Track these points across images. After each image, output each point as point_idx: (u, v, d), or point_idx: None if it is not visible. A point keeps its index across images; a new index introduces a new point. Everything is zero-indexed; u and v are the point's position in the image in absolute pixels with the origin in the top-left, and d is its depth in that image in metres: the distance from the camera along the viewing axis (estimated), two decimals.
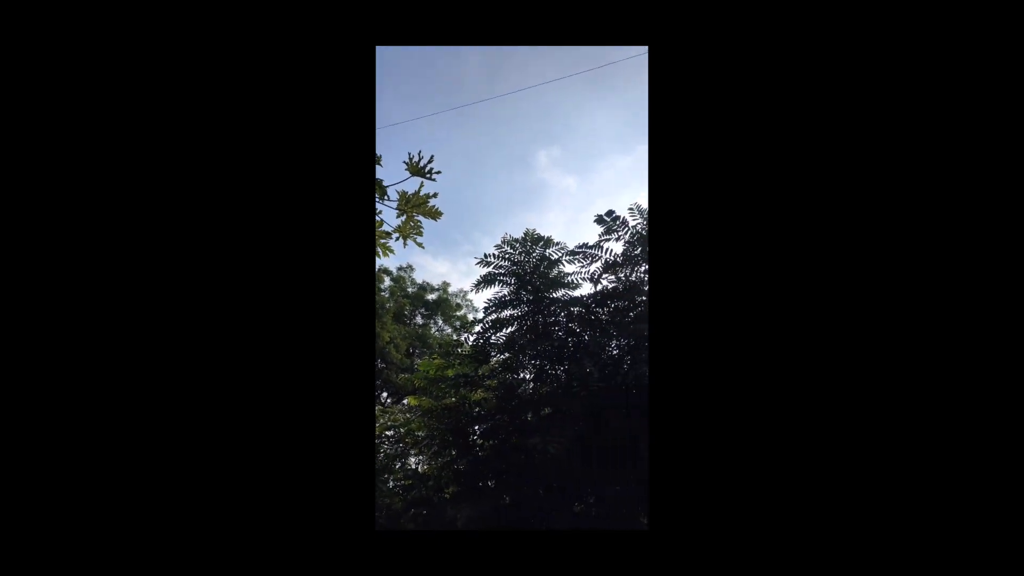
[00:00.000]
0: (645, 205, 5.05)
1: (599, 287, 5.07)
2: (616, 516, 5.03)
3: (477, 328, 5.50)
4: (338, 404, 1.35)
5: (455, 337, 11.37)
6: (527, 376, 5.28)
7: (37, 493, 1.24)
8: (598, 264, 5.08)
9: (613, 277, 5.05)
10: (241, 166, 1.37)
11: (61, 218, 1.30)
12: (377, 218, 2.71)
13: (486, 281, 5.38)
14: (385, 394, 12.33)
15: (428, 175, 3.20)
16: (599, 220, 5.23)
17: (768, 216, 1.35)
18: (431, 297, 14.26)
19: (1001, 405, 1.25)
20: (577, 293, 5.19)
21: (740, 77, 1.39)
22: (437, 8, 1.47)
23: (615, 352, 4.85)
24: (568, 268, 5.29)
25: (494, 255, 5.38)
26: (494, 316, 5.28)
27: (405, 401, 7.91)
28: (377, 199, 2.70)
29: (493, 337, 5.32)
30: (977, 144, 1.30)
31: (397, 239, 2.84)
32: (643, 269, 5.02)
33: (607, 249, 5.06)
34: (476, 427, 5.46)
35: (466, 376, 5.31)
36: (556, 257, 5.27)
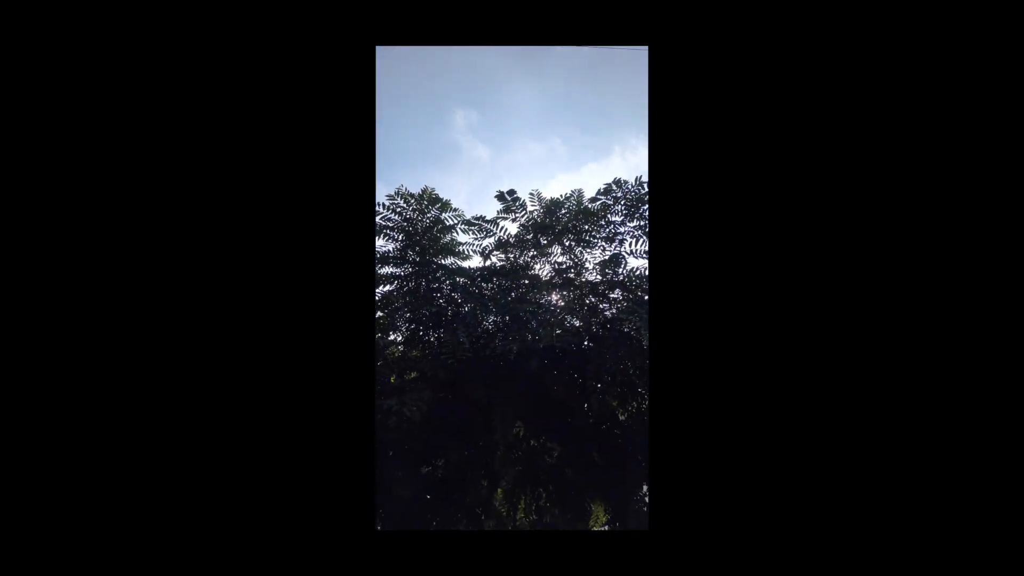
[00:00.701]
0: (547, 194, 5.25)
1: (488, 262, 5.14)
2: (458, 480, 5.30)
3: None
4: (337, 404, 1.32)
5: None
6: (398, 338, 5.12)
7: (37, 493, 1.23)
8: (491, 240, 5.13)
9: (503, 255, 5.16)
10: (241, 165, 1.36)
11: (61, 219, 1.29)
12: None
13: None
14: None
15: None
16: (500, 197, 5.25)
17: (768, 215, 1.35)
18: None
19: (1001, 405, 1.23)
20: (466, 264, 5.18)
21: (739, 77, 1.40)
22: (437, 8, 1.46)
23: (491, 328, 5.00)
24: (461, 238, 5.22)
25: (384, 205, 5.00)
26: None
27: None
28: None
29: None
30: (977, 144, 1.29)
31: None
32: (531, 254, 5.24)
33: (502, 227, 5.14)
34: None
35: None
36: (451, 223, 5.15)
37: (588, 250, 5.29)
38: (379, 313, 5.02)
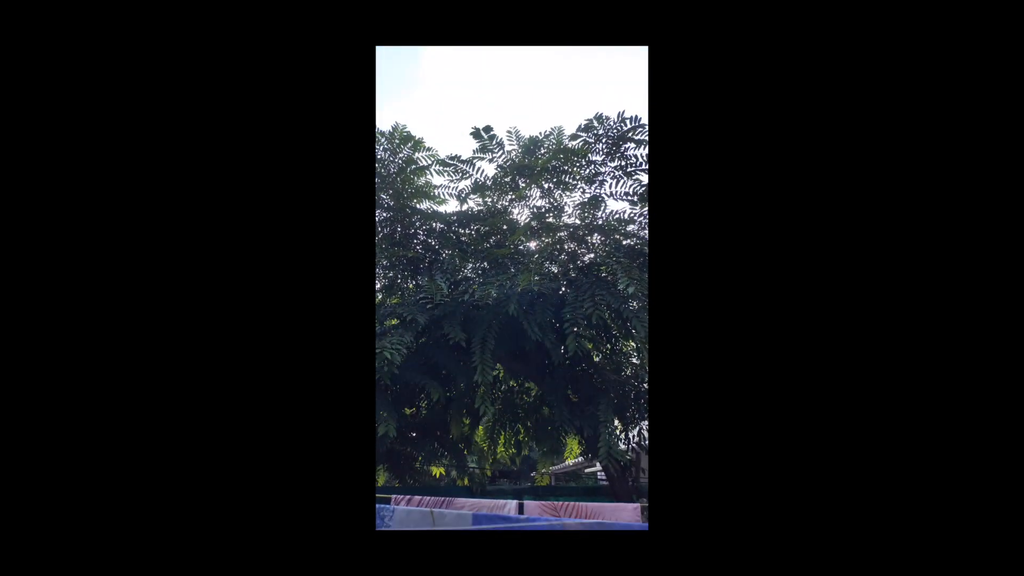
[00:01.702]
0: (525, 133, 4.96)
1: (464, 207, 4.97)
2: (441, 419, 5.52)
3: None
4: (337, 404, 1.32)
5: None
6: (376, 284, 5.04)
7: (37, 493, 1.23)
8: (468, 182, 4.92)
9: (480, 199, 4.99)
10: (241, 165, 1.37)
11: (59, 219, 1.30)
12: None
13: None
14: None
15: None
16: (475, 134, 4.95)
17: (768, 216, 1.35)
18: None
19: (1000, 406, 1.22)
20: (441, 209, 5.00)
21: (740, 77, 1.38)
22: (437, 8, 1.45)
23: (469, 274, 4.95)
24: (436, 180, 4.99)
25: None
26: None
27: None
28: None
29: None
30: (977, 144, 1.28)
31: None
32: (509, 197, 5.07)
33: (479, 168, 4.91)
34: None
35: None
36: (425, 164, 4.89)
37: (567, 193, 5.14)
38: None
